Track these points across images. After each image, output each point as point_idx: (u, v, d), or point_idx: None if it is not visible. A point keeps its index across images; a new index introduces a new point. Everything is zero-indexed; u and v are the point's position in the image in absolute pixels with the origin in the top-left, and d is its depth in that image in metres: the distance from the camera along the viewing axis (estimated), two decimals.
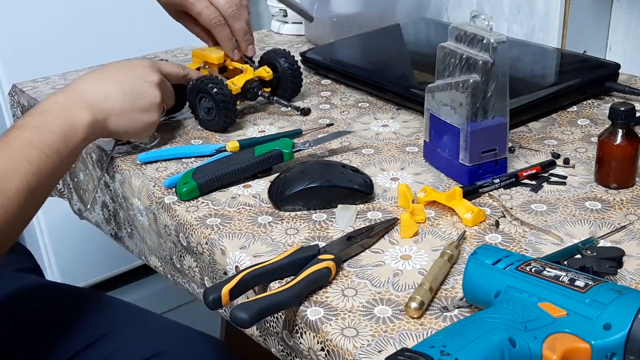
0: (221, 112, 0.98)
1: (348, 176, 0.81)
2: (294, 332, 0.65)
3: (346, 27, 1.35)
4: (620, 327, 0.50)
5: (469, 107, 0.79)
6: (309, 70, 1.25)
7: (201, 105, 1.00)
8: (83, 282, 2.00)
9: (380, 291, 0.66)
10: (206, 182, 0.84)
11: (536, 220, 0.76)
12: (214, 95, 0.97)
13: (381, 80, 1.11)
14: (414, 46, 1.34)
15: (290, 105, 1.08)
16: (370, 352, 0.59)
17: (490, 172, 0.83)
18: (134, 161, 0.94)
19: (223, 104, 0.97)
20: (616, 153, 0.79)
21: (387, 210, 0.79)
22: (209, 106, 0.99)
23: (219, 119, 0.99)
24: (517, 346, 0.51)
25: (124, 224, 0.98)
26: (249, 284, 0.67)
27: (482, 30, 0.79)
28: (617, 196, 0.79)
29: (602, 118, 0.99)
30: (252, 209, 0.81)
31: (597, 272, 0.64)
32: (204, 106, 1.00)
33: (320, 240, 0.75)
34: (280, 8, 1.47)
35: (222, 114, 0.98)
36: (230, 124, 1.01)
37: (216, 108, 0.98)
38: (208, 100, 0.98)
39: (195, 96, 1.00)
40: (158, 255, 0.91)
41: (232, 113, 0.99)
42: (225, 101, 0.97)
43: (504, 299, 0.56)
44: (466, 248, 0.72)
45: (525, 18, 1.33)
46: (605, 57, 1.30)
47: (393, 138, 0.97)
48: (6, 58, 1.74)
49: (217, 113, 0.98)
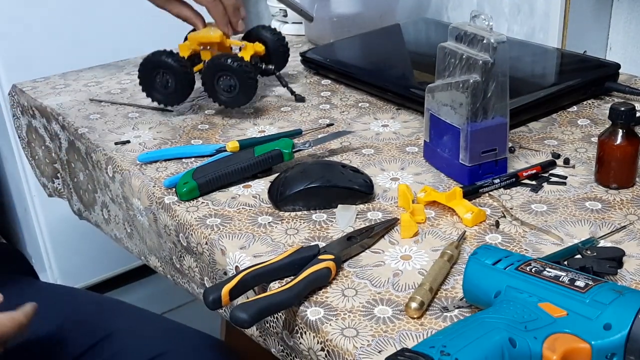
0: (245, 84, 0.96)
1: (348, 176, 0.81)
2: (294, 332, 0.65)
3: (346, 27, 1.35)
4: (621, 327, 0.50)
5: (469, 107, 0.79)
6: (309, 70, 1.25)
7: (220, 84, 0.99)
8: (83, 283, 2.00)
9: (381, 291, 0.66)
10: (206, 182, 0.84)
11: (536, 221, 0.76)
12: (236, 69, 0.95)
13: (381, 80, 1.11)
14: (414, 46, 1.34)
15: (287, 86, 1.08)
16: (371, 352, 0.59)
17: (491, 172, 0.83)
18: (134, 161, 0.94)
19: (246, 75, 0.96)
20: (616, 153, 0.79)
21: (387, 211, 0.79)
22: (230, 84, 0.97)
23: (242, 94, 0.98)
24: (517, 346, 0.51)
25: (124, 224, 0.98)
26: (249, 284, 0.67)
27: (482, 30, 0.79)
28: (617, 196, 0.79)
29: (602, 118, 0.99)
30: (252, 209, 0.81)
31: (597, 272, 0.64)
32: (225, 84, 0.98)
33: (320, 240, 0.75)
34: (280, 8, 1.47)
35: (246, 86, 0.97)
36: (253, 95, 1.00)
37: (240, 82, 0.97)
38: (229, 77, 0.96)
39: (212, 77, 0.99)
40: (158, 256, 0.91)
41: (255, 84, 0.98)
42: (247, 72, 0.96)
43: (504, 299, 0.56)
44: (466, 248, 0.72)
45: (526, 18, 1.33)
46: (605, 57, 1.30)
47: (393, 138, 0.97)
48: (6, 58, 1.74)
49: (240, 87, 0.97)
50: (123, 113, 1.11)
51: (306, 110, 1.08)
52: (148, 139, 1.01)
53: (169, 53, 1.03)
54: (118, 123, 1.07)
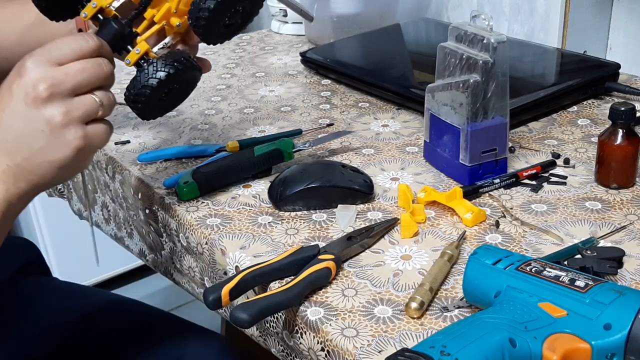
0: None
1: (348, 176, 0.81)
2: (294, 332, 0.65)
3: (346, 27, 1.34)
4: (621, 327, 0.50)
5: (469, 107, 0.79)
6: (309, 70, 1.25)
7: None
8: (83, 282, 2.00)
9: (381, 291, 0.66)
10: (206, 182, 0.84)
11: (536, 220, 0.76)
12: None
13: (381, 80, 1.11)
14: (414, 46, 1.34)
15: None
16: (371, 352, 0.59)
17: (491, 172, 0.83)
18: (134, 161, 0.94)
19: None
20: (616, 153, 0.79)
21: (387, 210, 0.79)
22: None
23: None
24: (517, 346, 0.51)
25: (124, 224, 0.98)
26: (249, 284, 0.67)
27: (482, 30, 0.79)
28: (617, 196, 0.79)
29: (602, 118, 0.99)
30: (252, 209, 0.81)
31: (598, 272, 0.64)
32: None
33: (320, 240, 0.74)
34: (280, 8, 1.47)
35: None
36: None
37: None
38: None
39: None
40: (158, 255, 0.91)
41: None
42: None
43: (504, 299, 0.56)
44: (466, 248, 0.72)
45: (526, 18, 1.33)
46: (605, 57, 1.30)
47: (393, 138, 0.97)
48: None
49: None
50: (123, 113, 1.11)
51: (306, 110, 1.08)
52: (148, 139, 1.01)
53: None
54: (118, 123, 1.07)
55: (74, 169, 0.64)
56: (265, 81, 1.22)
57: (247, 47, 1.41)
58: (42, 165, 0.62)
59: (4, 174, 0.61)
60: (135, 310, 1.01)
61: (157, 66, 0.67)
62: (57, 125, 0.61)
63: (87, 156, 0.64)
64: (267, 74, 1.26)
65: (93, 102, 0.63)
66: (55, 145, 0.61)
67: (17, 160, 0.61)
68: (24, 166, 0.62)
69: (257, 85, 1.20)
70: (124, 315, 0.99)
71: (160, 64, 0.67)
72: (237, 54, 1.37)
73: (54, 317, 0.97)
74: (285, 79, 1.23)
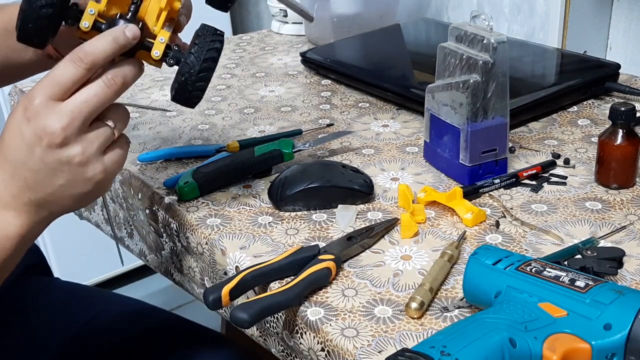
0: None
1: (348, 176, 0.81)
2: (294, 333, 0.65)
3: (346, 28, 1.35)
4: (621, 327, 0.50)
5: (469, 107, 0.79)
6: (309, 70, 1.25)
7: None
8: (83, 282, 2.00)
9: (381, 291, 0.66)
10: (206, 182, 0.84)
11: (536, 221, 0.76)
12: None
13: (381, 81, 1.11)
14: (414, 46, 1.34)
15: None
16: (371, 352, 0.59)
17: (491, 172, 0.83)
18: (134, 161, 0.94)
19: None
20: (616, 153, 0.79)
21: (387, 211, 0.79)
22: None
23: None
24: (517, 346, 0.51)
25: (124, 224, 0.98)
26: (249, 284, 0.67)
27: (482, 30, 0.79)
28: (617, 196, 0.79)
29: (602, 118, 0.99)
30: (252, 209, 0.81)
31: (598, 272, 0.64)
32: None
33: (320, 240, 0.75)
34: (280, 8, 1.47)
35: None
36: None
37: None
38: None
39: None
40: (158, 255, 0.91)
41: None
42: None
43: (504, 299, 0.56)
44: (466, 248, 0.72)
45: (526, 18, 1.33)
46: (605, 57, 1.30)
47: (393, 138, 0.97)
48: None
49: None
50: None
51: (306, 111, 1.08)
52: (148, 139, 1.01)
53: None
54: None
55: (95, 197, 0.66)
56: (265, 81, 1.22)
57: (247, 47, 1.41)
58: (64, 198, 0.64)
59: (27, 206, 0.63)
60: (137, 309, 1.01)
61: (205, 41, 0.63)
62: (76, 164, 0.62)
63: (107, 185, 0.66)
64: (267, 74, 1.26)
65: (106, 130, 0.63)
66: (76, 182, 0.63)
67: (40, 195, 0.63)
68: (47, 199, 0.63)
69: (257, 86, 1.20)
70: (126, 315, 0.99)
71: (206, 39, 0.63)
72: (237, 54, 1.37)
73: (57, 316, 0.98)
74: (285, 79, 1.23)
